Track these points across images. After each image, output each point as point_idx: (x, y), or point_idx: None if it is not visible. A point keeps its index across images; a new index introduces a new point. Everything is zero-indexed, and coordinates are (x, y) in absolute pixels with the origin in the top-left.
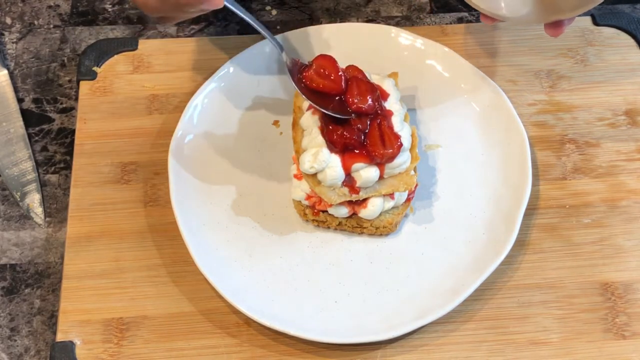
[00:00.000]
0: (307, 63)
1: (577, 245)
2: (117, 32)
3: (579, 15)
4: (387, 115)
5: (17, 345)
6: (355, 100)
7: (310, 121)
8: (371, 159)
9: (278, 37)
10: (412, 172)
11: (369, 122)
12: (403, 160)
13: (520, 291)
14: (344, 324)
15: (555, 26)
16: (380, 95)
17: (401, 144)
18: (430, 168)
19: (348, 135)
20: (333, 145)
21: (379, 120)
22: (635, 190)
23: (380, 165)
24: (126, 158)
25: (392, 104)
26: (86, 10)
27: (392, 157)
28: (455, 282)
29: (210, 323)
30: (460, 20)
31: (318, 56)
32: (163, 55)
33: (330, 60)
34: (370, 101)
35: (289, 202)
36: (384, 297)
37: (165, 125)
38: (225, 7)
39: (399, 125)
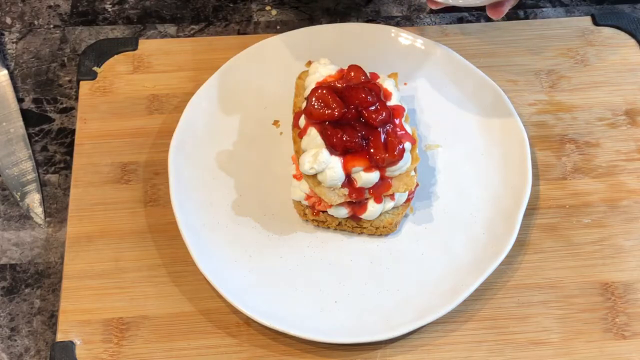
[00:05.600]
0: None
1: (577, 245)
2: (117, 32)
3: (579, 15)
4: (394, 115)
5: (17, 345)
6: (374, 115)
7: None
8: (373, 163)
9: (278, 37)
10: (412, 173)
11: (381, 129)
12: (404, 162)
13: (520, 291)
14: (344, 324)
15: (496, 7)
16: (384, 96)
17: (404, 149)
18: (430, 168)
19: (348, 139)
20: (333, 148)
21: (387, 126)
22: (635, 190)
23: (381, 168)
24: (126, 158)
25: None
26: (86, 10)
27: (393, 163)
28: (455, 282)
29: (210, 323)
30: (460, 20)
31: (312, 90)
32: (163, 55)
33: (326, 89)
34: (385, 112)
35: (289, 202)
36: (384, 297)
37: (165, 125)
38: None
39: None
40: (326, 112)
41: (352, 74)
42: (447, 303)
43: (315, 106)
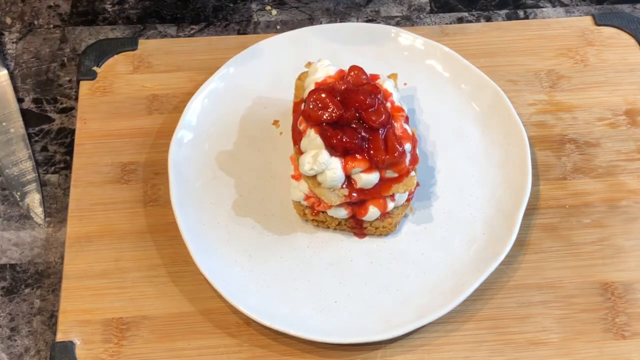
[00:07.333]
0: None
1: (577, 245)
2: (117, 32)
3: (579, 15)
4: (394, 116)
5: (17, 345)
6: (373, 118)
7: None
8: (373, 164)
9: (278, 37)
10: (412, 173)
11: (381, 131)
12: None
13: (520, 291)
14: (344, 324)
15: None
16: (384, 96)
17: (404, 151)
18: (430, 168)
19: (348, 140)
20: (333, 149)
21: (387, 127)
22: (635, 190)
23: (381, 169)
24: (126, 158)
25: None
26: (86, 10)
27: (394, 164)
28: (455, 282)
29: (210, 323)
30: (460, 20)
31: (309, 92)
32: (163, 55)
33: (323, 91)
34: (385, 114)
35: (289, 202)
36: (384, 297)
37: (165, 125)
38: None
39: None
40: (324, 114)
41: (353, 74)
42: (447, 303)
43: (313, 108)
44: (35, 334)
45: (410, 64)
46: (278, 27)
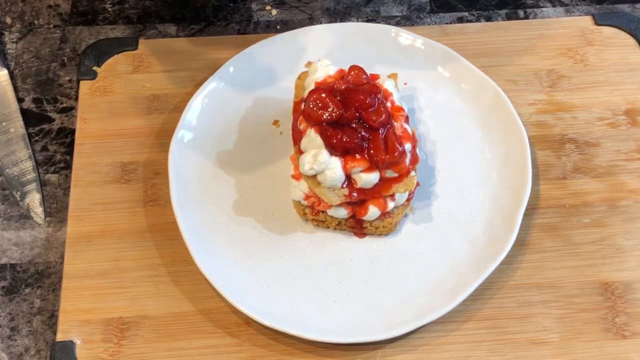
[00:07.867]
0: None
1: (577, 245)
2: (117, 32)
3: (579, 15)
4: (394, 115)
5: (17, 345)
6: (374, 117)
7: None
8: (373, 164)
9: (278, 37)
10: (412, 173)
11: (381, 131)
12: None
13: (520, 291)
14: (344, 324)
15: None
16: (384, 96)
17: (404, 151)
18: (430, 168)
19: (348, 140)
20: (333, 149)
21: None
22: (635, 190)
23: (381, 169)
24: (126, 158)
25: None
26: (86, 10)
27: (394, 164)
28: (455, 282)
29: (210, 323)
30: (460, 20)
31: (309, 92)
32: (163, 55)
33: (323, 90)
34: (385, 114)
35: (289, 202)
36: (384, 296)
37: (165, 125)
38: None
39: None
40: (324, 114)
41: (353, 74)
42: (447, 303)
43: (313, 108)
44: (36, 333)
45: (410, 64)
46: (278, 27)
